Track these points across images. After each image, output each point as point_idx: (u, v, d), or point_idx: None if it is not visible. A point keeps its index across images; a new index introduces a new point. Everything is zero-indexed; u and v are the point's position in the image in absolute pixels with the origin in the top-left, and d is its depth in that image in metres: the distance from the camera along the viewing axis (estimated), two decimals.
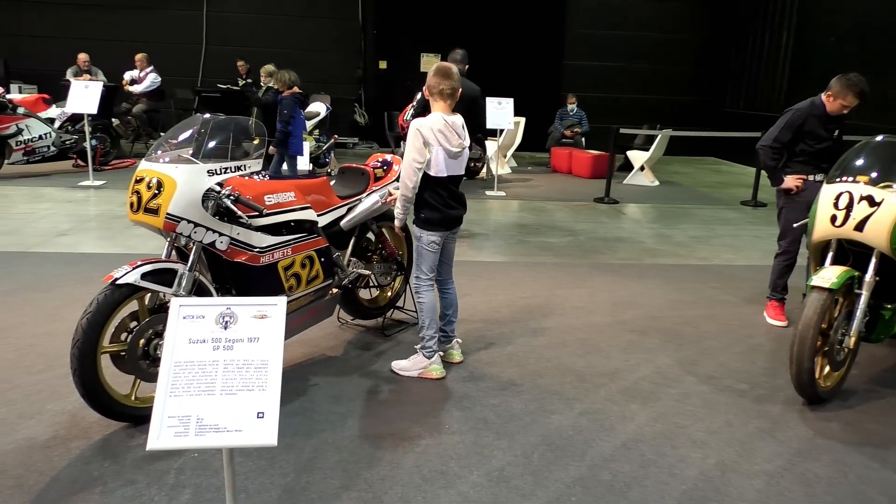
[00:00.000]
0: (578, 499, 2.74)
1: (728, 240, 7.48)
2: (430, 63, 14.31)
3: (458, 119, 3.65)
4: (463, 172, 3.75)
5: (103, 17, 13.53)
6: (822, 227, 3.68)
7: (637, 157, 11.30)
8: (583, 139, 12.64)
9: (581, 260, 6.39)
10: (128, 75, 11.27)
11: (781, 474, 2.97)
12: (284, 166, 8.02)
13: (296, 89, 7.91)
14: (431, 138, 3.50)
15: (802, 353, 3.40)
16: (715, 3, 14.88)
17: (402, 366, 3.81)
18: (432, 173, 3.57)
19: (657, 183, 11.10)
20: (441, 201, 3.63)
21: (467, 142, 3.69)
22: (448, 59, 7.43)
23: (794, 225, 4.28)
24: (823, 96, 4.59)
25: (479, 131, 7.62)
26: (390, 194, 3.96)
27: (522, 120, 11.63)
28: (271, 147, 7.69)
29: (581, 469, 2.95)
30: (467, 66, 7.34)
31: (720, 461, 3.05)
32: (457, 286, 3.99)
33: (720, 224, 8.33)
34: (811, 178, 4.66)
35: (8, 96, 9.03)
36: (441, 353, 3.86)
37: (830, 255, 3.72)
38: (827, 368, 3.65)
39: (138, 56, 11.22)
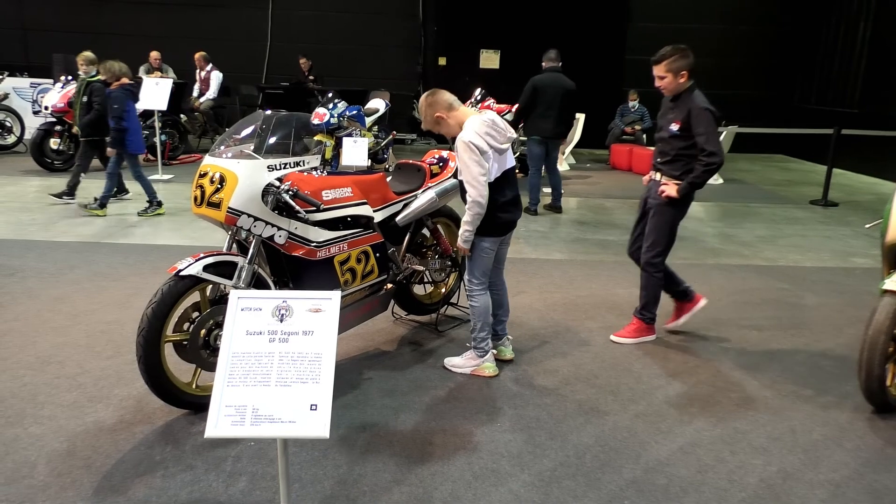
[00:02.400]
0: (632, 502, 2.69)
1: (796, 240, 7.20)
2: (489, 59, 14.26)
3: (492, 116, 3.53)
4: (513, 164, 3.64)
5: (174, 16, 13.98)
6: None
7: None
8: (643, 136, 12.38)
9: None
10: (196, 91, 11.59)
11: (847, 484, 2.84)
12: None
13: (125, 80, 7.05)
14: (483, 145, 3.39)
15: (872, 359, 3.25)
16: None
17: (454, 363, 3.81)
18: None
19: (721, 181, 10.77)
20: (495, 206, 3.52)
21: (512, 133, 3.59)
22: (544, 57, 7.93)
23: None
24: None
25: (571, 120, 8.02)
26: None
27: (582, 116, 11.46)
28: (108, 148, 6.97)
29: (635, 472, 2.89)
30: (561, 63, 7.67)
31: (782, 469, 2.95)
32: (513, 283, 3.97)
33: (787, 224, 8.03)
34: (654, 176, 4.20)
35: None
36: (494, 351, 3.85)
37: None
38: None
39: (197, 55, 11.54)
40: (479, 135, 3.40)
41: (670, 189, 4.00)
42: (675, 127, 3.99)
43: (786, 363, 4.07)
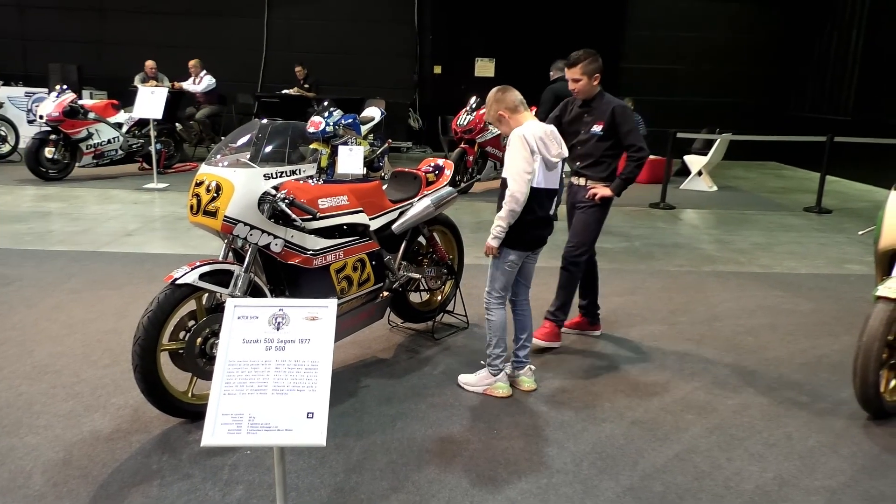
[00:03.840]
0: None
1: (791, 247, 7.24)
2: (484, 68, 14.31)
3: (552, 128, 3.48)
4: (558, 186, 3.55)
5: (170, 25, 14.02)
6: (889, 235, 3.53)
7: (694, 161, 11.03)
8: None
9: (636, 266, 6.28)
10: (185, 85, 11.63)
11: (843, 491, 2.85)
12: None
13: None
14: (534, 145, 3.32)
15: (867, 365, 3.26)
16: (779, 3, 14.43)
17: (467, 381, 3.70)
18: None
19: (715, 188, 10.81)
20: (531, 218, 3.41)
21: (565, 151, 3.51)
22: (552, 67, 7.85)
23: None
24: None
25: None
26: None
27: None
28: None
29: (632, 479, 2.89)
30: None
31: (778, 475, 2.95)
32: None
33: (783, 231, 8.06)
34: (573, 180, 4.26)
35: (80, 102, 9.43)
36: (513, 378, 3.72)
37: None
38: (893, 382, 3.49)
39: (191, 62, 11.56)
40: (535, 137, 3.34)
41: (604, 190, 4.04)
42: (598, 128, 4.05)
43: (782, 370, 4.08)
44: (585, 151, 4.16)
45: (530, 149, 3.31)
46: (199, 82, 11.55)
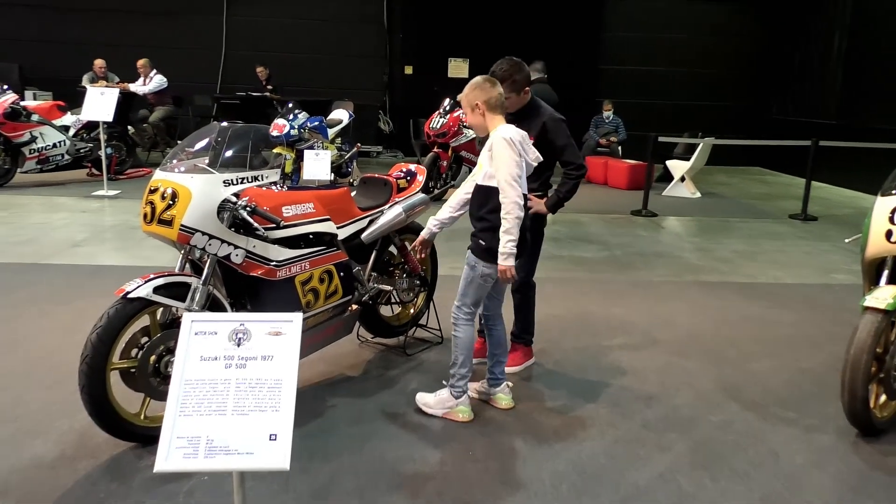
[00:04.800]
0: None
1: (775, 256, 7.37)
2: (458, 68, 14.38)
3: (524, 133, 3.43)
4: (526, 191, 3.51)
5: (120, 23, 13.86)
6: (876, 242, 3.60)
7: (677, 167, 11.20)
8: (619, 148, 12.57)
9: (617, 276, 6.34)
10: (132, 87, 11.48)
11: None
12: None
13: None
14: (519, 148, 3.30)
15: (855, 379, 3.30)
16: (762, 5, 14.76)
17: (426, 401, 3.61)
18: None
19: (698, 194, 10.99)
20: None
21: (539, 156, 3.46)
22: (529, 69, 7.54)
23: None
24: None
25: None
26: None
27: None
28: None
29: (613, 500, 2.90)
30: (546, 76, 7.51)
31: (765, 495, 2.98)
32: None
33: (767, 239, 8.21)
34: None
35: (22, 103, 9.27)
36: (489, 396, 3.70)
37: (886, 273, 3.63)
38: (883, 397, 3.55)
39: (140, 62, 11.45)
40: (516, 141, 3.30)
41: (538, 205, 3.92)
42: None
43: (767, 384, 4.14)
44: None
45: (517, 151, 3.30)
46: (149, 82, 11.43)
